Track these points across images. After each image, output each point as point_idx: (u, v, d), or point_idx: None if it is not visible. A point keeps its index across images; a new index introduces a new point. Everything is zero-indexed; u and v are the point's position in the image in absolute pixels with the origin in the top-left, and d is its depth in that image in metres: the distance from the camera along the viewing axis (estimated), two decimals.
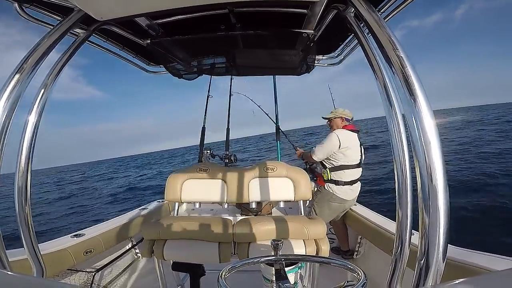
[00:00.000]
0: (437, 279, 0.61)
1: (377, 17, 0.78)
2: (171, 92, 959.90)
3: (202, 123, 3.54)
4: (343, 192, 2.66)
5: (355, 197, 2.75)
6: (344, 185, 2.66)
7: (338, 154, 2.65)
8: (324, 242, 1.69)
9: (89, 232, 2.06)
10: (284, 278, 0.77)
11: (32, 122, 0.94)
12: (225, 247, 1.69)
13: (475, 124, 25.62)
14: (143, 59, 1.88)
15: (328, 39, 1.59)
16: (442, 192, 0.60)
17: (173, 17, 1.31)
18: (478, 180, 7.29)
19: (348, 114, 2.84)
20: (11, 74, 0.88)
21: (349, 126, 2.78)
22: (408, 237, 0.74)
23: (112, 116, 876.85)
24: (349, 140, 2.66)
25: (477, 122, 27.77)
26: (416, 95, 0.64)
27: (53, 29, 0.98)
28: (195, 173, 2.14)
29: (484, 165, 8.73)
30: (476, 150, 11.45)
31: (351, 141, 2.68)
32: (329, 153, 2.68)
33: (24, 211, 0.93)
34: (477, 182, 7.16)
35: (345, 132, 2.70)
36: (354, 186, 2.71)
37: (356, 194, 2.74)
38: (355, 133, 2.75)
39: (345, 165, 2.66)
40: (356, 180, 2.72)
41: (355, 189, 2.72)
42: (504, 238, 4.10)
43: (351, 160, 2.66)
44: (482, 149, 11.44)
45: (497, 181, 7.00)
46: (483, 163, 8.97)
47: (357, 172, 2.73)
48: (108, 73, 73.55)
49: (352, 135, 2.72)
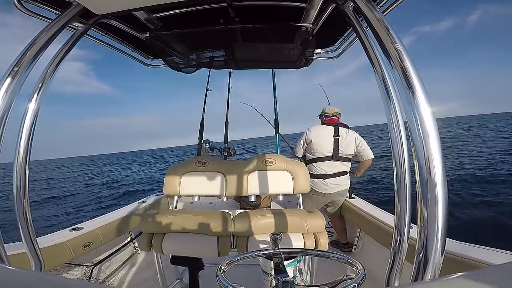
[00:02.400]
0: (435, 273, 0.61)
1: (376, 11, 0.78)
2: (178, 89, 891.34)
3: (201, 116, 3.54)
4: (318, 186, 2.74)
5: (335, 192, 2.74)
6: (316, 178, 2.74)
7: (309, 147, 2.81)
8: (323, 235, 1.69)
9: (88, 226, 2.06)
10: (283, 272, 0.77)
11: (30, 116, 0.94)
12: (224, 241, 1.69)
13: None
14: (141, 53, 1.87)
15: (327, 33, 1.59)
16: (441, 185, 0.60)
17: (172, 10, 1.31)
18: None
19: (329, 110, 2.93)
20: (9, 68, 0.88)
21: (327, 120, 2.88)
22: (406, 230, 0.74)
23: (120, 111, 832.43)
24: (320, 134, 2.79)
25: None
26: (415, 89, 0.64)
27: (52, 22, 0.98)
28: (194, 166, 2.14)
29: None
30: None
31: (322, 134, 2.77)
32: (302, 147, 2.90)
33: (22, 205, 0.93)
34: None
35: (318, 127, 2.87)
36: (328, 180, 2.72)
37: (334, 189, 2.73)
38: (332, 126, 2.79)
39: (316, 158, 2.77)
40: (332, 175, 2.73)
41: (330, 184, 2.72)
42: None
43: (321, 153, 2.75)
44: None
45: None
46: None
47: (332, 165, 2.74)
48: (117, 67, 71.32)
49: (326, 128, 2.80)
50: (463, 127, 36.74)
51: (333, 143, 2.72)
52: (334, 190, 2.72)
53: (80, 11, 1.01)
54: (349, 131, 2.80)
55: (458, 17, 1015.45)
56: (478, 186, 7.19)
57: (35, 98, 0.95)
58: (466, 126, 39.71)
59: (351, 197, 2.86)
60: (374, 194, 7.20)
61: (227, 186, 2.10)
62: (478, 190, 6.80)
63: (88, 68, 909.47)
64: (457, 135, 25.12)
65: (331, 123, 2.83)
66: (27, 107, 0.94)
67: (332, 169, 2.73)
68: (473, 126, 37.17)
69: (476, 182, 7.56)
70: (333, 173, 2.73)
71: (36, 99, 0.96)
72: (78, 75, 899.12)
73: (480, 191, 6.72)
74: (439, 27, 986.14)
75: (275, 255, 0.86)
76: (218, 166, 2.15)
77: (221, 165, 2.18)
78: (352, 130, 2.83)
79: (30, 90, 0.98)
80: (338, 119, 2.92)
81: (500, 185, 7.11)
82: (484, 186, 7.09)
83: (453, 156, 12.38)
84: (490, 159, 10.78)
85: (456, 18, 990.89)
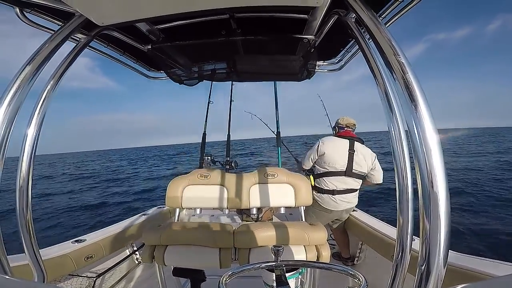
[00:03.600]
0: (438, 285, 0.61)
1: (378, 23, 0.78)
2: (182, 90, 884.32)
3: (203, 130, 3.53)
4: (325, 201, 2.60)
5: (343, 209, 2.60)
6: (324, 193, 2.60)
7: (320, 160, 2.65)
8: (325, 248, 1.68)
9: (90, 238, 2.05)
10: (284, 284, 0.77)
11: (33, 128, 0.94)
12: (225, 253, 1.68)
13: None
14: (144, 65, 1.89)
15: (329, 45, 1.60)
16: (443, 197, 0.60)
17: (174, 22, 1.32)
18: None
19: (343, 121, 2.78)
20: (12, 79, 0.87)
21: (342, 133, 2.73)
22: (409, 242, 0.73)
23: (125, 107, 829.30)
24: (333, 146, 2.61)
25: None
26: (417, 101, 0.64)
27: (54, 34, 0.98)
28: (195, 178, 2.14)
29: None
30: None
31: (335, 147, 2.61)
32: (312, 160, 2.71)
33: (25, 216, 0.93)
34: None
35: (332, 139, 2.70)
36: (337, 197, 2.56)
37: (342, 207, 2.58)
38: (347, 139, 2.63)
39: (327, 172, 2.61)
40: (342, 191, 2.58)
41: (339, 200, 2.57)
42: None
43: (333, 167, 2.58)
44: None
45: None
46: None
47: (343, 181, 2.58)
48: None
49: (340, 141, 2.64)
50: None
51: (347, 158, 2.56)
52: (342, 207, 2.59)
53: (83, 22, 1.02)
54: (365, 147, 2.67)
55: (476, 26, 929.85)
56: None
57: (38, 111, 0.95)
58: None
59: (354, 210, 2.80)
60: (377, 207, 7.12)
61: (229, 198, 2.10)
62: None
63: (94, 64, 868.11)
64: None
65: (347, 136, 2.67)
66: (30, 119, 0.94)
67: (343, 186, 2.58)
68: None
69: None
70: (343, 190, 2.58)
71: (40, 111, 0.96)
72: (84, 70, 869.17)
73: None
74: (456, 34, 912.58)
75: (277, 267, 0.86)
76: (220, 179, 2.15)
77: (223, 177, 2.18)
78: (367, 147, 2.69)
79: (32, 103, 0.98)
80: (353, 131, 2.75)
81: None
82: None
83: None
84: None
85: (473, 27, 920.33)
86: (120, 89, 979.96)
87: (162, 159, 39.04)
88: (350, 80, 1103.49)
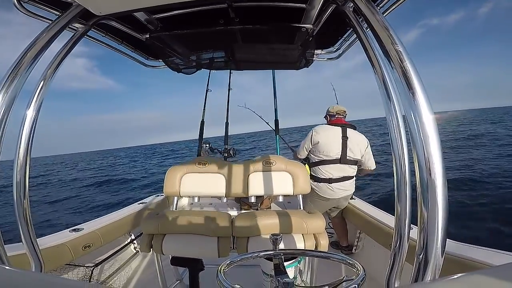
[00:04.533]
0: (435, 273, 0.61)
1: (376, 12, 0.78)
2: (181, 86, 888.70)
3: (201, 117, 3.54)
4: (322, 190, 2.61)
5: (340, 197, 2.63)
6: (321, 182, 2.62)
7: (314, 149, 2.66)
8: (323, 236, 1.69)
9: (88, 227, 2.06)
10: (283, 273, 0.77)
11: (31, 116, 0.95)
12: (224, 242, 1.69)
13: None
14: (142, 54, 1.87)
15: (327, 34, 1.59)
16: (441, 186, 0.60)
17: (172, 11, 1.31)
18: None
19: (333, 109, 2.79)
20: (9, 68, 0.88)
21: (334, 121, 2.73)
22: (407, 231, 0.74)
23: (125, 106, 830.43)
24: (326, 135, 2.63)
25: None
26: (415, 90, 0.64)
27: (52, 23, 0.98)
28: (194, 167, 2.14)
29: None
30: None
31: (328, 135, 2.62)
32: (306, 149, 2.72)
33: (22, 206, 0.93)
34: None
35: (325, 127, 2.71)
36: (334, 185, 2.59)
37: (339, 194, 2.61)
38: (339, 127, 2.64)
39: (322, 160, 2.63)
40: (339, 179, 2.60)
41: (336, 188, 2.59)
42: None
43: (328, 156, 2.60)
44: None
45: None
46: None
47: (339, 169, 2.60)
48: (120, 64, 70.92)
49: (333, 129, 2.65)
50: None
51: (341, 144, 2.58)
52: (340, 195, 2.61)
53: (80, 12, 1.01)
54: (358, 133, 2.69)
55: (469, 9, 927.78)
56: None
57: (35, 100, 0.96)
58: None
59: (352, 198, 2.82)
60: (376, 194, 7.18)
61: (227, 187, 2.10)
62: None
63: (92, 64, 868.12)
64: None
65: (338, 123, 2.68)
66: (27, 108, 0.95)
67: (339, 173, 2.60)
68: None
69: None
70: (340, 177, 2.60)
71: (37, 100, 0.96)
72: (82, 70, 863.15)
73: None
74: (449, 19, 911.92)
75: (275, 256, 0.86)
76: (218, 167, 2.15)
77: (221, 165, 2.18)
78: (360, 133, 2.71)
79: (30, 90, 0.99)
80: (344, 118, 2.77)
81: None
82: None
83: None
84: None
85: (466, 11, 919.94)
86: (121, 88, 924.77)
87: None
88: (349, 68, 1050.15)
